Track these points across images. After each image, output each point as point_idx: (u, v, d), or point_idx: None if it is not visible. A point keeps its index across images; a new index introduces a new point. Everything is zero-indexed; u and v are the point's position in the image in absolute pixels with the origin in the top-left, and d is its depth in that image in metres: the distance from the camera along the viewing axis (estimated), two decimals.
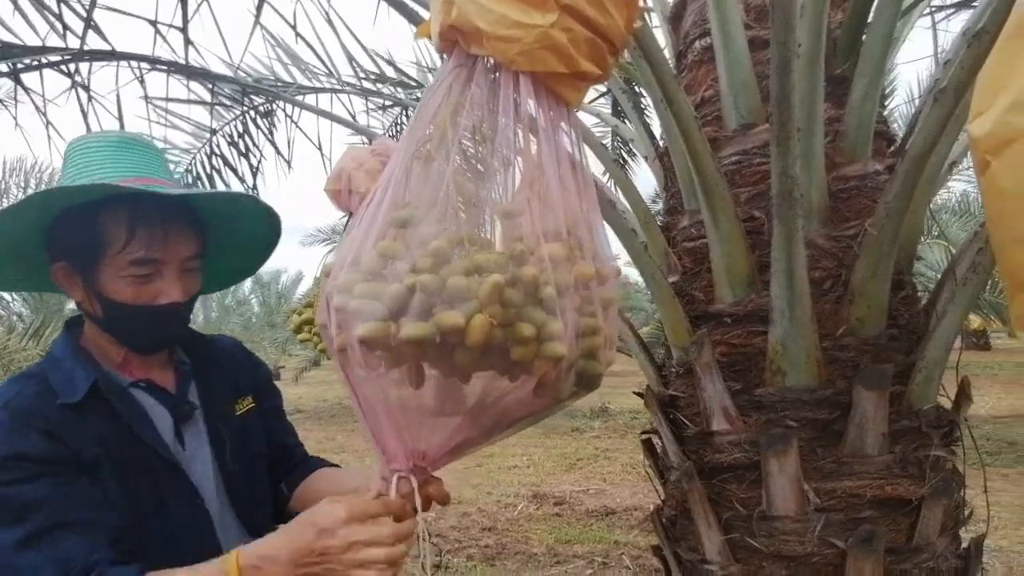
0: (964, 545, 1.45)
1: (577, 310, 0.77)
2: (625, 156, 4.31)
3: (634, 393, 1.72)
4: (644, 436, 1.77)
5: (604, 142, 4.50)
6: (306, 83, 2.81)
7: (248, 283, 17.42)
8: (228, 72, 2.70)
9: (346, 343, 0.80)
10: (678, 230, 1.69)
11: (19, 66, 2.40)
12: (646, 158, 2.04)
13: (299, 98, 2.86)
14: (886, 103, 1.63)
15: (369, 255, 0.84)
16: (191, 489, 1.00)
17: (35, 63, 2.32)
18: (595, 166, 1.94)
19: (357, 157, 1.48)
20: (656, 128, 1.89)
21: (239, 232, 1.11)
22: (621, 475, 6.46)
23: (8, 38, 2.38)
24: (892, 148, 1.57)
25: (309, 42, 2.69)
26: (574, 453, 7.51)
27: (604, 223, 0.94)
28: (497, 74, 0.86)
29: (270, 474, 1.17)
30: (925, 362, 1.36)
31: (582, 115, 2.71)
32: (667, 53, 1.83)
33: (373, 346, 0.81)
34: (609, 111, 3.59)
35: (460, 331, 0.71)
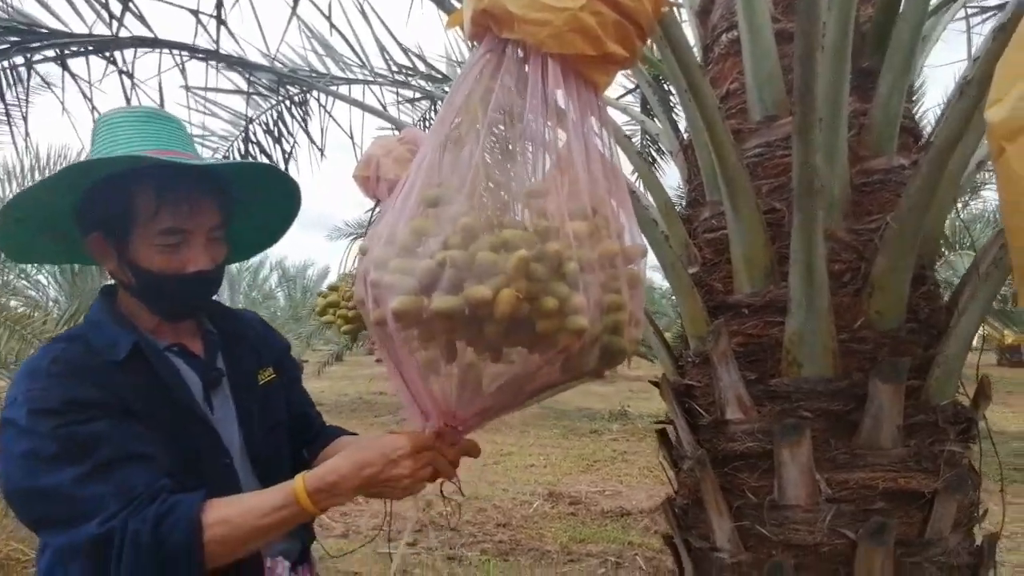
0: (977, 543, 1.44)
1: (602, 286, 0.81)
2: (653, 154, 4.32)
3: (650, 382, 1.74)
4: (659, 426, 1.79)
5: (633, 139, 4.51)
6: (339, 74, 2.88)
7: (275, 277, 17.68)
8: (264, 62, 2.78)
9: (382, 316, 0.83)
10: (699, 222, 1.70)
11: (66, 52, 2.50)
12: (671, 153, 2.05)
13: (332, 88, 2.93)
14: (914, 98, 1.63)
15: (402, 232, 0.87)
16: (222, 448, 1.05)
17: (81, 50, 2.41)
18: (622, 161, 1.96)
19: (386, 145, 1.53)
20: (682, 123, 1.91)
21: (260, 203, 1.15)
22: (638, 478, 6.44)
23: (55, 24, 2.48)
24: (919, 144, 1.57)
25: (343, 33, 2.75)
26: (592, 454, 7.50)
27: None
28: (527, 59, 0.89)
29: (291, 441, 1.22)
30: (944, 357, 1.36)
31: (612, 112, 2.73)
32: (695, 47, 1.84)
33: (406, 319, 0.84)
34: (638, 108, 3.61)
35: (488, 304, 0.74)
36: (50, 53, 2.51)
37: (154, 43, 2.44)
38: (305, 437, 1.26)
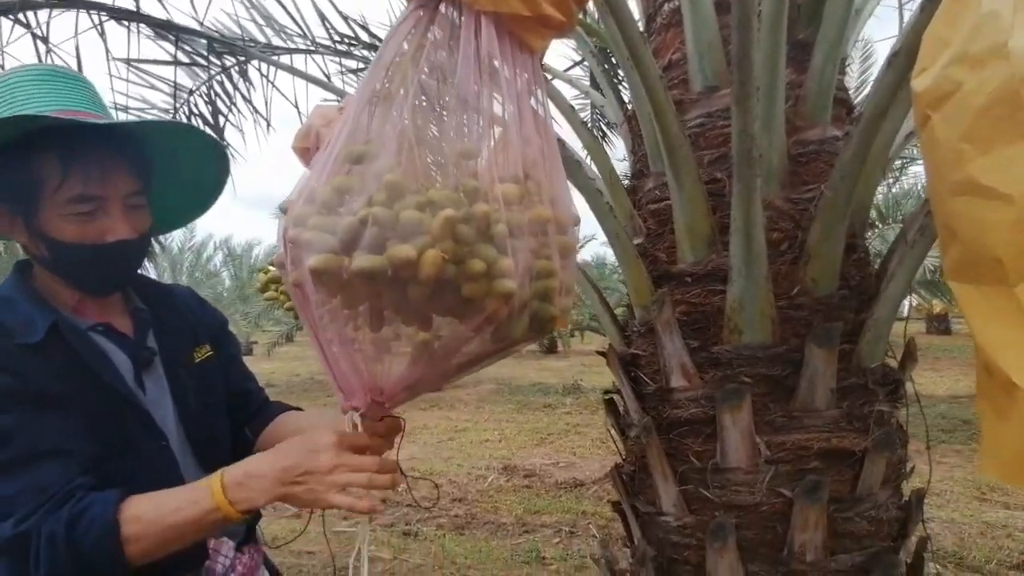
0: (906, 499, 1.51)
1: (532, 252, 0.79)
2: (603, 127, 4.32)
3: (597, 352, 1.76)
4: (607, 396, 1.81)
5: (583, 113, 4.50)
6: (280, 43, 2.77)
7: (220, 256, 17.15)
8: (198, 28, 2.64)
9: (301, 277, 0.80)
10: (643, 192, 1.71)
11: None
12: (616, 125, 2.05)
13: (273, 58, 2.82)
14: (858, 71, 1.66)
15: (324, 189, 0.85)
16: (156, 430, 1.00)
17: None
18: (567, 132, 1.95)
19: (325, 114, 1.46)
20: (627, 95, 1.91)
21: (184, 167, 1.08)
22: (591, 449, 6.57)
23: None
24: (851, 115, 1.61)
25: (282, 2, 2.63)
26: (545, 428, 7.60)
27: (567, 180, 0.95)
28: (460, 17, 0.87)
29: (232, 420, 1.18)
30: (874, 321, 1.41)
31: (560, 85, 2.71)
32: (638, 18, 1.84)
33: (325, 278, 0.81)
34: (587, 82, 3.60)
35: (412, 265, 0.72)
36: None
37: (70, 2, 2.29)
38: (246, 414, 1.22)
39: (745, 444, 1.41)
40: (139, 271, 1.11)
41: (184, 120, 3.05)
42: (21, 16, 2.35)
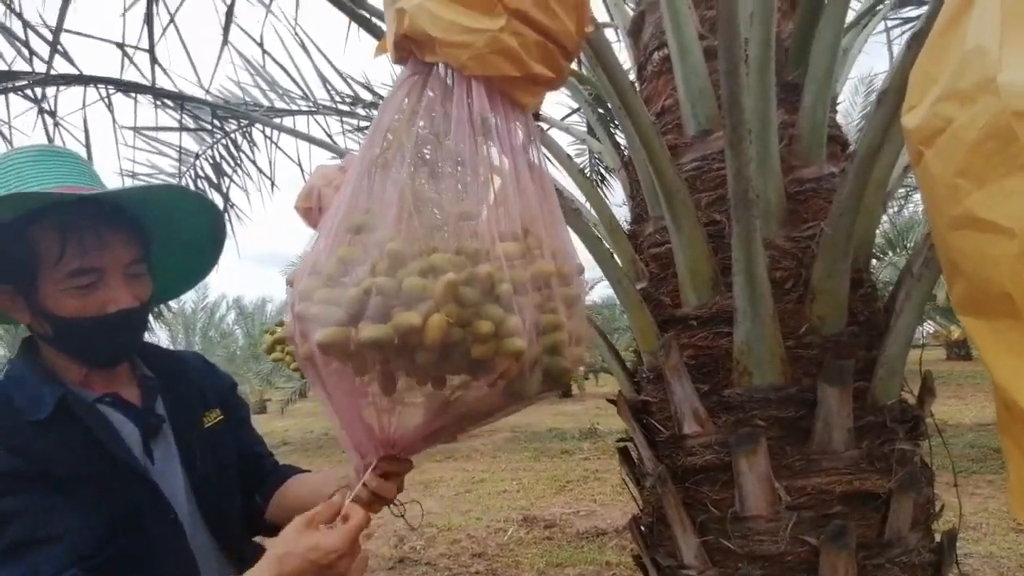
0: (937, 540, 1.45)
1: (538, 307, 0.79)
2: (603, 172, 4.37)
3: (607, 400, 1.73)
4: (620, 444, 1.78)
5: (581, 159, 4.56)
6: (283, 106, 2.84)
7: (232, 315, 17.28)
8: (204, 96, 2.72)
9: (310, 351, 0.81)
10: (644, 237, 1.72)
11: None
12: (613, 170, 2.07)
13: (276, 121, 2.89)
14: (836, 108, 1.68)
15: (328, 261, 0.86)
16: (165, 504, 0.99)
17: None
18: (565, 180, 1.97)
19: (327, 175, 1.50)
20: (623, 140, 1.93)
21: (183, 230, 1.09)
22: (611, 496, 6.41)
23: None
24: (846, 152, 1.61)
25: (281, 63, 2.72)
26: (564, 475, 7.45)
27: (568, 228, 0.96)
28: (452, 80, 0.89)
29: (241, 485, 1.16)
30: (886, 357, 1.38)
31: (556, 134, 2.75)
32: (629, 68, 1.88)
33: (332, 351, 0.82)
34: (584, 128, 3.66)
35: (418, 331, 0.72)
36: None
37: (79, 79, 2.36)
38: (256, 479, 1.21)
39: (764, 490, 1.37)
40: (146, 338, 1.12)
41: (190, 183, 3.11)
42: (29, 92, 2.43)
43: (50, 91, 2.29)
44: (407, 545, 5.24)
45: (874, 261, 1.55)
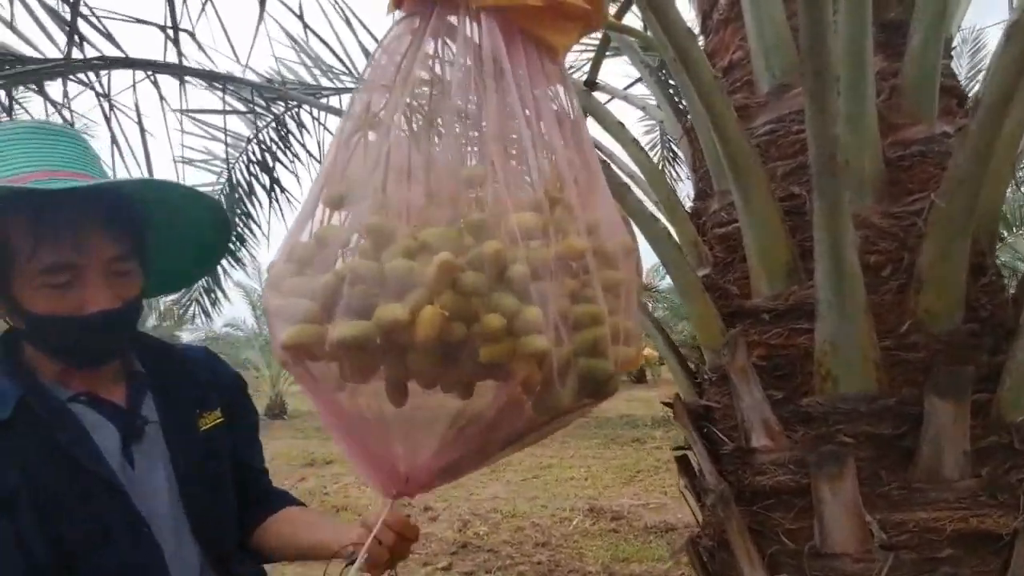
0: None
1: (569, 296, 0.64)
2: (675, 148, 4.06)
3: (662, 403, 1.51)
4: (678, 452, 1.56)
5: (651, 137, 4.26)
6: (328, 84, 2.75)
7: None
8: (250, 78, 2.67)
9: (281, 355, 0.67)
10: (708, 215, 1.47)
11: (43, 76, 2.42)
12: (677, 140, 1.83)
13: (323, 101, 2.81)
14: (951, 53, 1.37)
15: (301, 243, 0.71)
16: (137, 518, 0.88)
17: (48, 72, 2.33)
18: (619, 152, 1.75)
19: None
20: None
21: (180, 221, 0.98)
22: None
23: (34, 54, 2.41)
24: (965, 107, 1.31)
25: (325, 40, 2.61)
26: (634, 465, 7.21)
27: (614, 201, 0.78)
28: (459, 21, 0.72)
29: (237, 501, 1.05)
30: (1016, 363, 1.10)
31: (619, 105, 2.52)
32: (692, 18, 1.62)
33: (302, 354, 0.67)
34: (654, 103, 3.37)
35: (404, 327, 0.57)
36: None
37: (126, 62, 2.34)
38: (245, 496, 1.09)
39: (851, 523, 1.12)
40: (142, 331, 1.03)
41: (242, 168, 3.09)
42: (83, 76, 2.44)
43: (104, 77, 2.29)
44: (471, 530, 5.19)
45: None
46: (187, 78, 2.49)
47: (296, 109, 2.85)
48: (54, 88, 2.56)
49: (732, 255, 1.38)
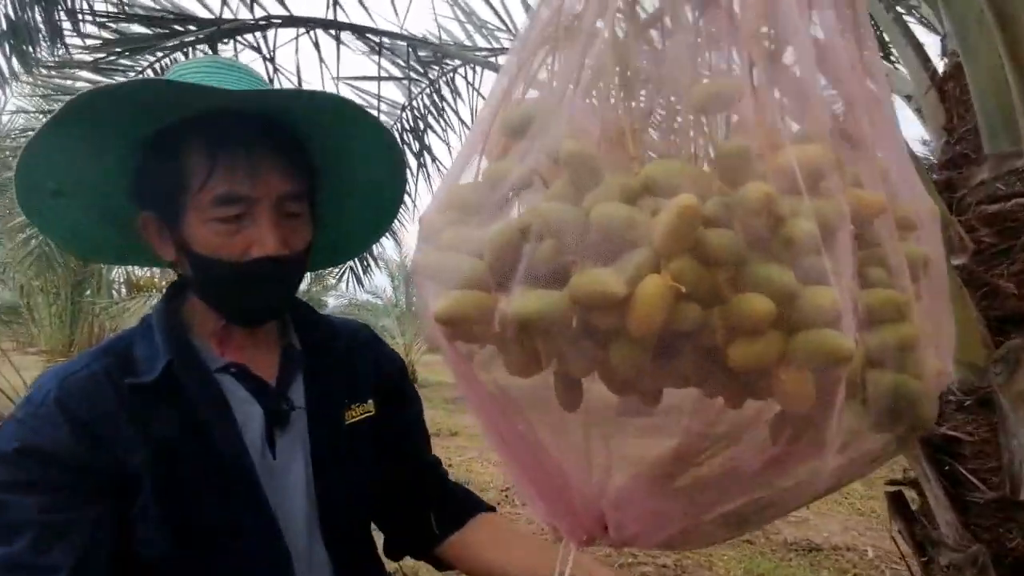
0: None
1: (859, 276, 0.43)
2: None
3: None
4: (893, 487, 1.24)
5: None
6: (482, 42, 2.62)
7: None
8: (408, 37, 2.62)
9: (432, 334, 0.49)
10: (970, 188, 1.13)
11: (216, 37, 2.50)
12: (909, 97, 1.46)
13: (481, 59, 2.69)
14: None
15: (466, 185, 0.53)
16: (265, 513, 0.78)
17: (221, 33, 2.38)
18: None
19: None
20: (935, 48, 1.32)
21: (357, 169, 0.87)
22: (830, 503, 5.55)
23: (204, 14, 2.48)
24: None
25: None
26: None
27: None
28: None
29: (406, 497, 0.96)
30: None
31: None
32: None
33: (463, 335, 0.48)
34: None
35: (616, 306, 0.39)
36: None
37: (290, 21, 2.34)
38: (424, 494, 0.98)
39: None
40: (306, 302, 0.94)
41: (397, 136, 3.06)
42: (250, 38, 2.49)
43: (270, 40, 2.35)
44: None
45: None
46: (345, 43, 2.48)
47: (452, 74, 2.76)
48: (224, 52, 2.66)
49: (1007, 241, 1.04)
